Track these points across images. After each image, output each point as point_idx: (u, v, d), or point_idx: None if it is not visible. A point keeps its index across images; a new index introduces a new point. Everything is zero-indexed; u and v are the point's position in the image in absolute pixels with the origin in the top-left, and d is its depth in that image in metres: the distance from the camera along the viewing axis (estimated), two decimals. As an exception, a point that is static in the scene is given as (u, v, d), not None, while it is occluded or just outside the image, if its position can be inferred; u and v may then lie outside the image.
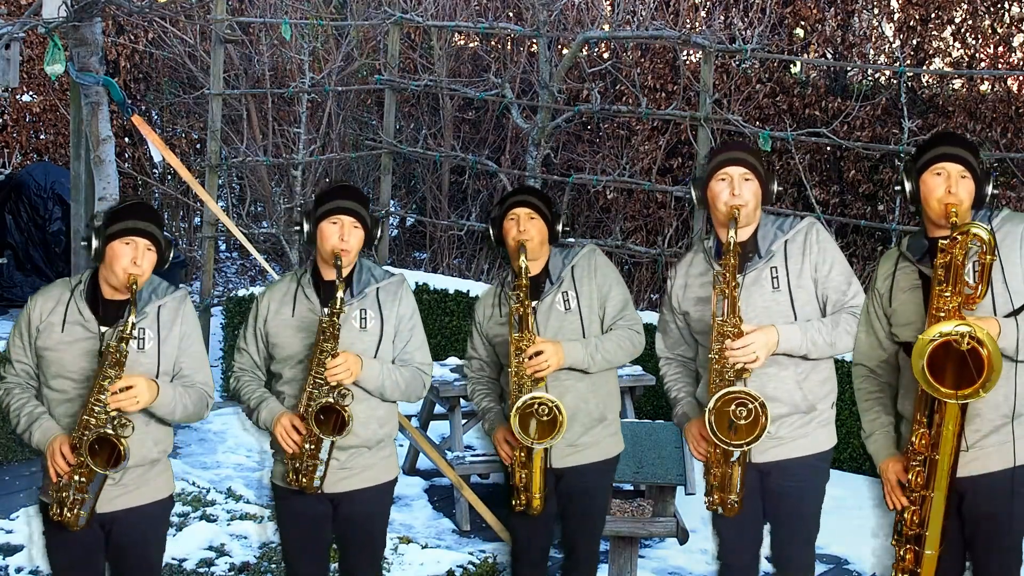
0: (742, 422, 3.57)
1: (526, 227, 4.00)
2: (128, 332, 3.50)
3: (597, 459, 4.12)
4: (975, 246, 3.32)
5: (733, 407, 3.57)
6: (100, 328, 3.64)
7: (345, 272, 3.78)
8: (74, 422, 3.54)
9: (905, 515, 3.49)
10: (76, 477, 3.52)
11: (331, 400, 3.68)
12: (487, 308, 4.19)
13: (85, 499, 3.54)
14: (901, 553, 3.51)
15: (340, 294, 3.69)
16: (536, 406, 3.81)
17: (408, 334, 3.93)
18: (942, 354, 3.19)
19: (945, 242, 3.31)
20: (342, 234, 3.77)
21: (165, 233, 3.72)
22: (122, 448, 3.46)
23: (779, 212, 5.37)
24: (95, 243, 3.62)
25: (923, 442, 3.38)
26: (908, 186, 3.55)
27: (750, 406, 3.56)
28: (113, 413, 3.49)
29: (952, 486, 3.40)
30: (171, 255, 3.73)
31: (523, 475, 3.99)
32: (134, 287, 3.54)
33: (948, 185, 3.44)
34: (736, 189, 3.74)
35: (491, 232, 4.11)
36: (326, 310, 3.74)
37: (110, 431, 3.47)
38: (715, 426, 3.59)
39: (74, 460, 3.50)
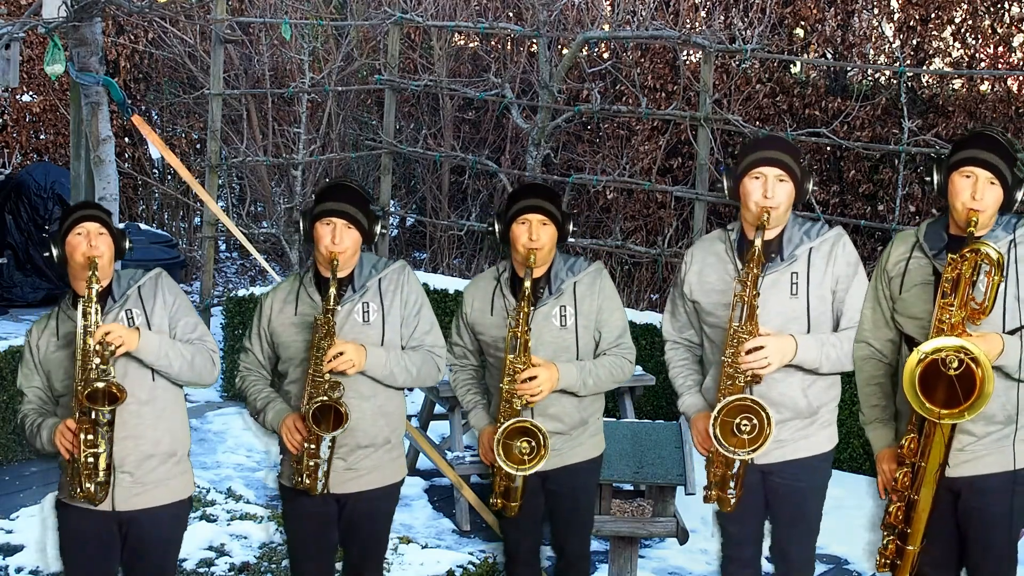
0: (745, 436, 3.54)
1: (538, 235, 3.87)
2: (90, 315, 3.50)
3: (581, 459, 4.11)
4: (985, 264, 3.26)
5: (738, 420, 3.53)
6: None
7: (343, 273, 3.77)
8: None
9: (891, 508, 3.51)
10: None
11: (325, 398, 3.66)
12: (477, 302, 4.10)
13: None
14: (885, 543, 3.54)
15: (333, 291, 3.67)
16: (518, 439, 3.79)
17: (415, 319, 3.89)
18: (938, 367, 3.18)
19: (954, 256, 3.27)
20: (334, 236, 3.73)
21: (120, 226, 3.74)
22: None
23: (808, 216, 5.28)
24: (55, 251, 3.65)
25: (911, 447, 3.39)
26: (937, 178, 3.49)
27: (755, 421, 3.52)
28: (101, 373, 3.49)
29: (941, 486, 3.41)
30: (126, 244, 3.74)
31: (503, 486, 3.99)
32: (94, 268, 3.54)
33: (974, 191, 3.39)
34: (769, 191, 3.62)
35: (496, 228, 3.97)
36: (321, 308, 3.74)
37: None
38: (719, 434, 3.56)
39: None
